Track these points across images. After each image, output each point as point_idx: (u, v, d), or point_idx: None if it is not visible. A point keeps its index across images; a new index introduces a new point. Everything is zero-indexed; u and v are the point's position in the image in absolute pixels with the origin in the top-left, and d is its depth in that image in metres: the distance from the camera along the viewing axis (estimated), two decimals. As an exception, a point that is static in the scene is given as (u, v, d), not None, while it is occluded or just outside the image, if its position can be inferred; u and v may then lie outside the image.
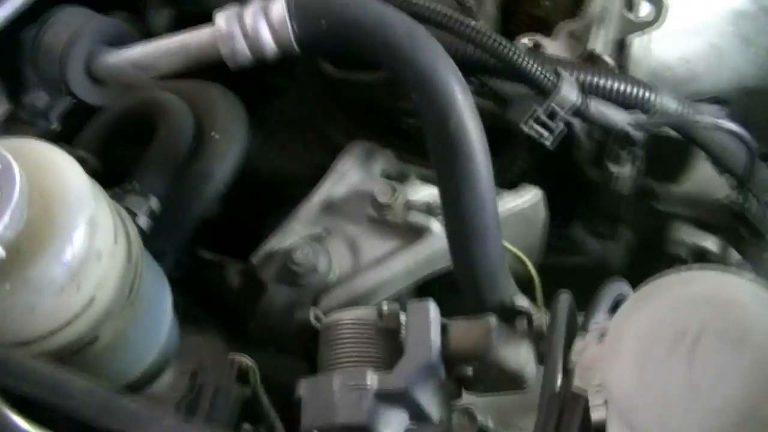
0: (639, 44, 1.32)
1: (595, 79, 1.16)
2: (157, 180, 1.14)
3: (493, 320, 1.04)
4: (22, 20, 1.14)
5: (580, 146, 1.34)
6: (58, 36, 1.07)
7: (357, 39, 1.03)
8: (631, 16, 1.26)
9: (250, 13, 1.04)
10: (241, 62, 1.06)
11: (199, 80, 1.26)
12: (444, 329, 1.04)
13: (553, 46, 1.27)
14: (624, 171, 1.27)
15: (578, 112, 1.14)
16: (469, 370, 1.04)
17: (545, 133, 1.13)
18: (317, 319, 1.11)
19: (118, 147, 1.20)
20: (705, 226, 1.34)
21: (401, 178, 1.27)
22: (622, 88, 1.16)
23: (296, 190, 1.44)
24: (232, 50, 1.04)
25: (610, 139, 1.26)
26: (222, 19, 1.04)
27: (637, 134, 1.17)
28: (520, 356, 1.04)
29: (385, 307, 1.05)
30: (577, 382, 0.89)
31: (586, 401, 0.86)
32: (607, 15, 1.26)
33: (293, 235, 1.23)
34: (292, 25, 1.03)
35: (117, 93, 1.13)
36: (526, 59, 1.11)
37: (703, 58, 1.36)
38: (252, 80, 1.37)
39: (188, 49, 1.06)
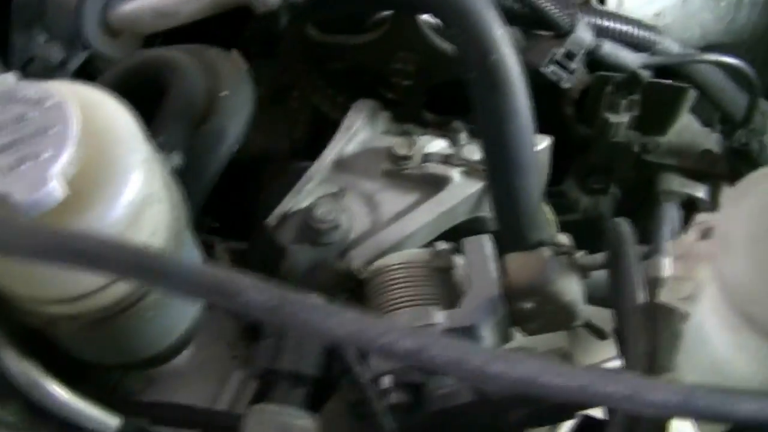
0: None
1: (606, 22, 1.17)
2: (177, 136, 1.09)
3: (547, 251, 1.03)
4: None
5: (570, 103, 1.35)
6: (70, -13, 1.02)
7: None
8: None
9: (278, -49, 1.01)
10: (271, 4, 1.02)
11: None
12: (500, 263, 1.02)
13: (543, 2, 1.28)
14: (623, 119, 1.28)
15: (592, 53, 1.15)
16: (527, 305, 1.02)
17: (564, 75, 1.14)
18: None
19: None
20: (692, 174, 1.37)
21: (405, 135, 1.26)
22: (630, 30, 1.18)
23: (274, 167, 1.41)
24: (262, -9, 1.01)
25: (607, 89, 1.28)
26: (249, -42, 1.01)
27: (646, 74, 1.19)
28: (573, 288, 1.03)
29: (439, 246, 1.03)
30: (663, 296, 0.89)
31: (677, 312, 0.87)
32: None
33: (308, 195, 1.19)
34: (323, -40, 1.00)
35: (132, 45, 1.07)
36: (545, 1, 1.11)
37: (673, 13, 1.39)
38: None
39: (213, -6, 1.02)
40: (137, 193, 0.85)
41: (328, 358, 0.94)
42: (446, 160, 1.18)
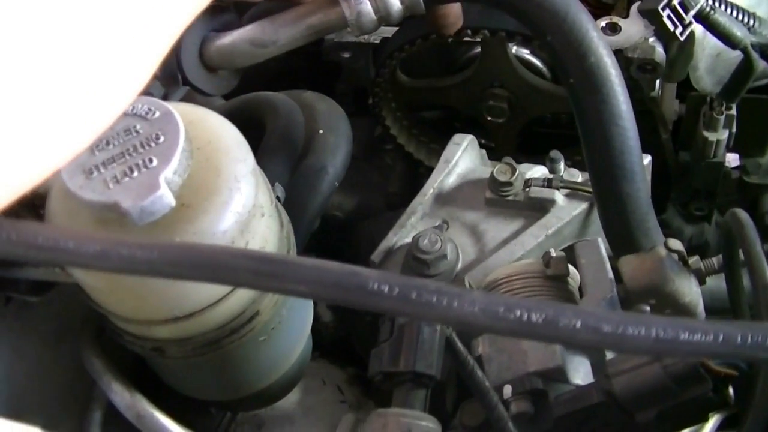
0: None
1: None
2: (278, 170, 1.09)
3: (662, 250, 0.99)
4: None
5: (665, 128, 1.33)
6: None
7: None
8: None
9: (372, -27, 1.02)
10: (366, 26, 1.02)
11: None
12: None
13: (628, 24, 1.27)
14: (722, 136, 1.25)
15: (706, 16, 1.11)
16: (647, 308, 0.98)
17: (678, 25, 1.11)
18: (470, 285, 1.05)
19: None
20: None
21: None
22: (733, 11, 1.15)
23: (370, 222, 1.40)
24: (358, 13, 1.01)
25: (703, 108, 1.26)
26: (345, -19, 1.02)
27: (756, 56, 1.14)
28: (692, 289, 0.99)
29: (552, 253, 1.00)
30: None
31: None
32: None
33: (411, 229, 1.17)
34: (417, -20, 1.01)
35: (231, 81, 1.08)
36: None
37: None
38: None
39: (309, 19, 1.03)
40: (245, 203, 0.85)
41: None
42: (549, 183, 1.16)
